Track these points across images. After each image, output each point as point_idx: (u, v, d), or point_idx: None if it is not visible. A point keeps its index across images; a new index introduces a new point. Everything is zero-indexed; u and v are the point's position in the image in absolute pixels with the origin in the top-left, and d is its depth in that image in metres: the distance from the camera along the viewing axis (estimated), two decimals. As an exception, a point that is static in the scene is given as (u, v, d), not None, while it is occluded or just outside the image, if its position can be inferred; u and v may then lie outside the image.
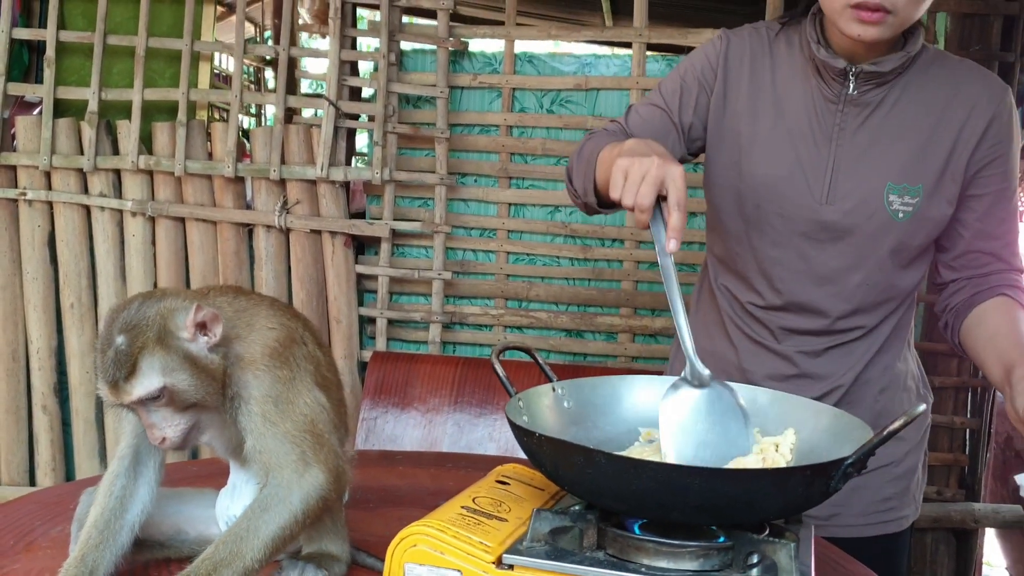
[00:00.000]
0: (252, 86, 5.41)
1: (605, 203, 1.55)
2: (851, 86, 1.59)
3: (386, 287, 3.12)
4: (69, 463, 3.24)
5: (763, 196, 1.63)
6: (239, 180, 3.10)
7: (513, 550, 1.05)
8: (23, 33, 3.17)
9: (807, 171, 1.61)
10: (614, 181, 1.31)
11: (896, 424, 1.05)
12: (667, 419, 1.20)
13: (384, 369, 2.85)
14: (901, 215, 1.58)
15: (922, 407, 1.09)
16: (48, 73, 3.11)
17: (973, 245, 1.64)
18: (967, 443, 3.07)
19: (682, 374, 1.25)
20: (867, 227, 1.59)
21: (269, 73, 5.39)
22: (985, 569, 4.86)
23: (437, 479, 1.77)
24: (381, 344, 3.13)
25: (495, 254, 3.16)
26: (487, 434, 2.75)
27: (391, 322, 3.15)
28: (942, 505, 3.01)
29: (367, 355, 3.02)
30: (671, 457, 1.16)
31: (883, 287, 1.65)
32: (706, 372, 1.24)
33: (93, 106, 3.08)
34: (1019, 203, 1.68)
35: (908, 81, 1.60)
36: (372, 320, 3.16)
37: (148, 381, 1.08)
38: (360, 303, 3.15)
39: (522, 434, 1.13)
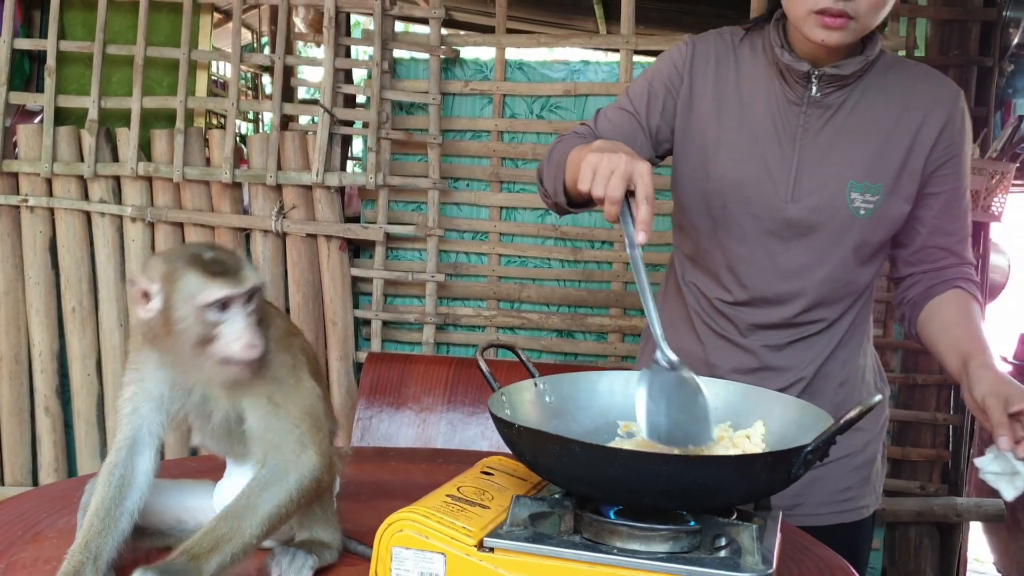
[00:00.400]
0: (250, 92, 5.47)
1: (575, 203, 1.61)
2: (814, 88, 1.65)
3: (381, 289, 3.19)
4: (71, 464, 3.30)
5: (730, 196, 1.69)
6: (236, 186, 3.17)
7: (494, 534, 1.11)
8: (24, 43, 3.23)
9: (772, 171, 1.67)
10: (583, 175, 1.36)
11: (853, 413, 1.12)
12: (642, 398, 1.26)
13: (379, 369, 2.90)
14: (863, 212, 1.65)
15: (878, 397, 1.16)
16: (49, 82, 3.17)
17: (929, 241, 1.71)
18: (950, 439, 3.13)
19: (655, 357, 1.31)
20: (831, 224, 1.66)
21: (267, 78, 5.46)
22: (975, 565, 4.93)
23: (429, 474, 1.83)
24: (376, 345, 3.19)
25: (487, 256, 3.23)
26: (480, 432, 2.81)
27: (386, 324, 3.22)
28: (925, 500, 3.07)
29: (362, 356, 3.09)
30: (645, 433, 1.23)
31: (844, 282, 1.71)
32: (674, 357, 1.31)
33: (93, 114, 3.15)
34: (970, 201, 1.75)
35: (868, 84, 1.67)
36: (367, 322, 3.23)
37: (253, 269, 1.20)
38: (355, 305, 3.21)
39: (503, 425, 1.19)
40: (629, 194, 1.34)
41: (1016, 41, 3.03)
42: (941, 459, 3.11)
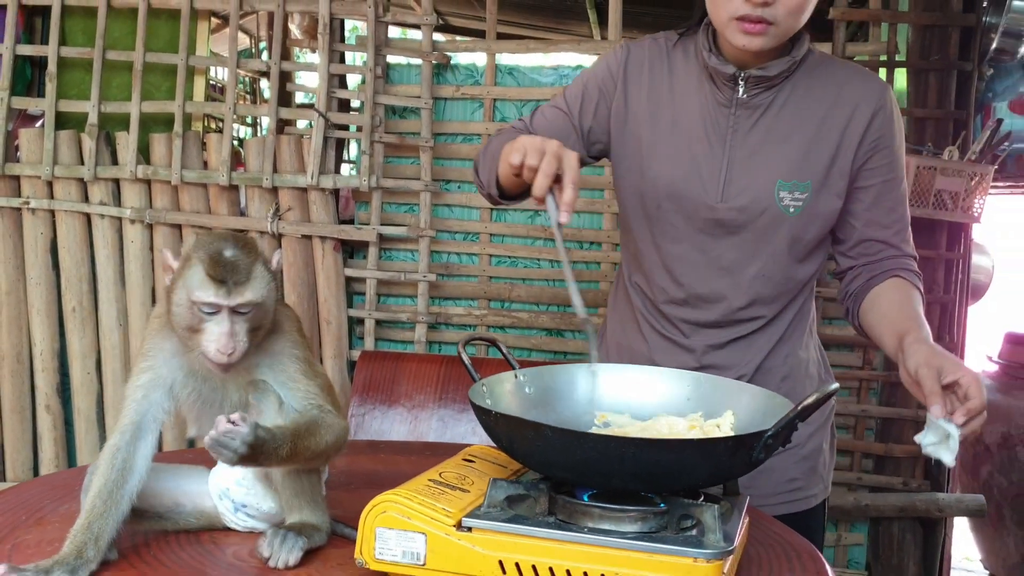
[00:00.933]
0: (248, 96, 5.53)
1: (506, 195, 1.69)
2: (741, 90, 1.69)
3: (374, 289, 3.26)
4: (71, 460, 3.36)
5: (663, 196, 1.74)
6: (233, 188, 3.23)
7: (472, 515, 1.18)
8: (26, 49, 3.29)
9: (703, 172, 1.71)
10: (515, 152, 1.47)
11: (811, 400, 1.19)
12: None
13: (372, 368, 2.96)
14: (792, 210, 1.69)
15: (835, 385, 1.23)
16: (50, 87, 3.24)
17: (865, 235, 1.74)
18: (931, 435, 3.18)
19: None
20: (760, 222, 1.70)
21: (265, 83, 5.52)
22: (964, 564, 4.99)
23: (417, 465, 1.88)
24: (369, 344, 3.26)
25: (478, 257, 3.30)
26: (470, 428, 2.86)
27: (379, 323, 3.29)
28: (908, 495, 3.13)
29: (356, 354, 3.15)
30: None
31: (779, 279, 1.75)
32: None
33: (93, 118, 3.21)
34: (906, 193, 1.77)
35: (795, 83, 1.71)
36: (361, 321, 3.29)
37: (258, 288, 1.27)
38: (349, 305, 3.28)
39: (481, 412, 1.26)
40: (556, 179, 1.44)
41: (995, 46, 3.09)
42: (923, 455, 3.16)
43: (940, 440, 1.41)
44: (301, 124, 3.44)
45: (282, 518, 1.37)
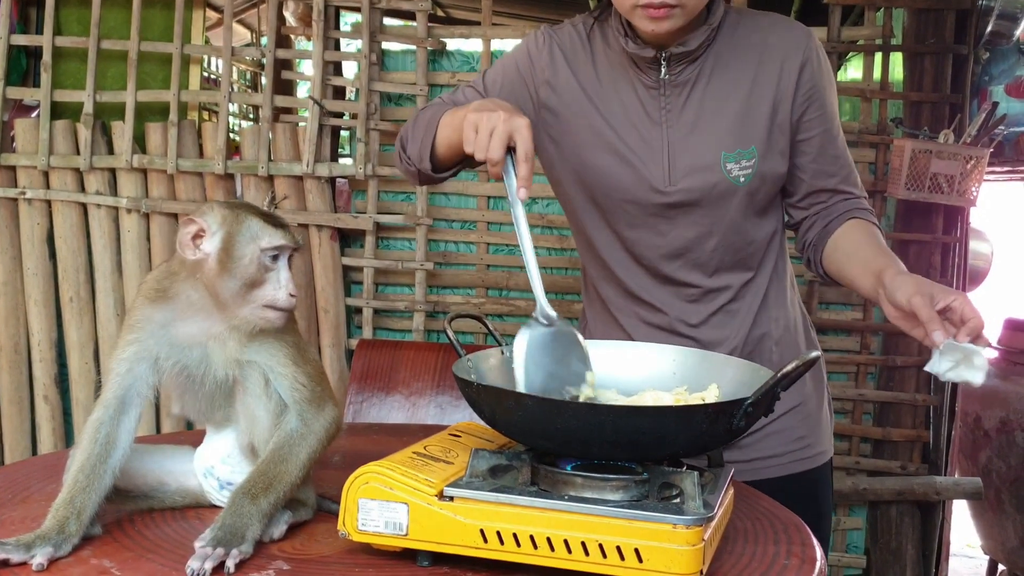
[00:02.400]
0: (249, 89, 5.53)
1: (440, 167, 1.65)
2: (663, 71, 1.65)
3: (371, 278, 3.26)
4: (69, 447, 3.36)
5: (609, 186, 1.70)
6: (229, 177, 3.23)
7: (454, 484, 1.18)
8: (21, 39, 3.31)
9: (644, 158, 1.67)
10: (466, 137, 1.43)
11: (789, 367, 1.18)
12: (519, 352, 1.35)
13: (370, 356, 2.96)
14: (742, 180, 1.66)
15: (815, 353, 1.21)
16: (45, 77, 3.25)
17: (814, 185, 1.72)
18: (929, 419, 3.19)
19: (533, 314, 1.40)
20: (712, 196, 1.67)
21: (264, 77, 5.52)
22: (965, 550, 4.99)
23: (409, 445, 1.90)
24: (367, 332, 3.26)
25: (475, 245, 3.30)
26: (467, 415, 2.84)
27: (376, 311, 3.29)
28: (905, 479, 3.13)
29: (354, 343, 3.15)
30: (521, 386, 1.30)
31: (740, 244, 1.73)
32: (553, 313, 1.39)
33: (88, 108, 3.21)
34: (841, 135, 1.74)
35: (719, 50, 1.67)
36: (358, 310, 3.30)
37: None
38: (347, 293, 3.28)
39: (464, 384, 1.26)
40: (511, 150, 1.41)
41: (990, 29, 3.08)
42: (921, 439, 3.16)
43: (957, 364, 1.36)
44: (304, 113, 3.43)
45: None
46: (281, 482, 1.26)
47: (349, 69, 3.40)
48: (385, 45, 3.24)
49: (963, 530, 4.52)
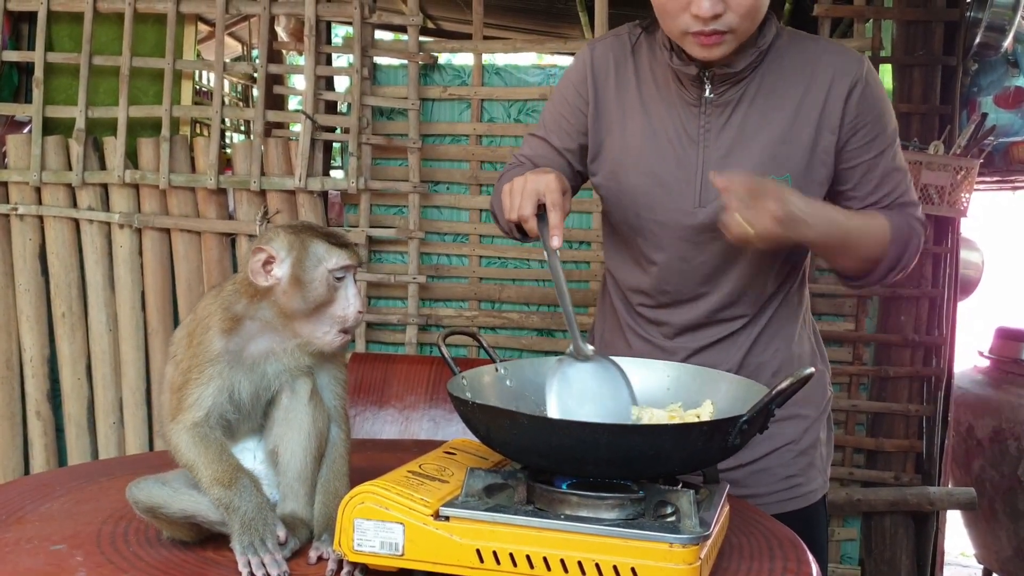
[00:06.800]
0: (241, 103, 5.53)
1: (522, 230, 1.62)
2: (707, 89, 1.63)
3: (364, 291, 3.26)
4: (62, 466, 3.35)
5: (641, 204, 1.68)
6: (221, 192, 3.23)
7: (449, 504, 1.18)
8: (12, 55, 3.30)
9: (678, 177, 1.65)
10: (505, 205, 1.51)
11: (784, 384, 1.18)
12: (553, 389, 1.37)
13: (363, 369, 2.96)
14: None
15: (809, 370, 1.21)
16: (37, 93, 3.24)
17: (866, 202, 1.68)
18: (922, 430, 3.19)
19: (567, 350, 1.42)
20: None
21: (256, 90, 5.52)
22: (960, 559, 5.00)
23: (404, 461, 1.89)
24: (360, 346, 3.26)
25: (468, 258, 3.30)
26: (460, 429, 2.81)
27: (369, 325, 3.29)
28: (899, 489, 3.14)
29: (347, 356, 3.15)
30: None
31: (765, 276, 1.71)
32: (589, 348, 1.42)
33: (80, 124, 3.21)
34: (899, 155, 1.69)
35: (765, 72, 1.64)
36: (351, 323, 3.28)
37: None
38: (340, 307, 3.27)
39: (459, 403, 1.26)
40: (543, 207, 1.46)
41: (979, 40, 3.09)
42: (914, 449, 3.18)
43: None
44: (296, 128, 3.43)
45: (274, 503, 1.37)
46: (344, 486, 1.38)
47: (341, 83, 3.40)
48: (377, 59, 3.25)
49: (957, 538, 4.53)
